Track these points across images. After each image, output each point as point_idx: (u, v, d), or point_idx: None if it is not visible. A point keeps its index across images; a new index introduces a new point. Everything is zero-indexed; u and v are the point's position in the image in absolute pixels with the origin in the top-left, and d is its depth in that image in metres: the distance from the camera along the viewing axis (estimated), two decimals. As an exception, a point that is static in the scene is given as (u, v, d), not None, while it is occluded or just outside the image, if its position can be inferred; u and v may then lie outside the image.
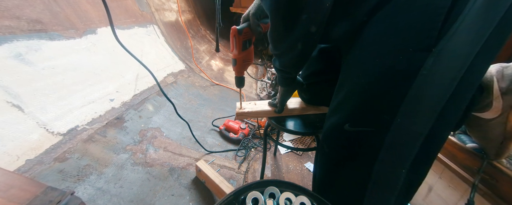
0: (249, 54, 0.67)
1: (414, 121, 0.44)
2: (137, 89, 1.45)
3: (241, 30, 0.61)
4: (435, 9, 0.38)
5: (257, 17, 0.60)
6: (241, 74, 0.73)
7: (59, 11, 1.20)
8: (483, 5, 0.36)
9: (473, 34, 0.37)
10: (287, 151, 1.53)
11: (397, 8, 0.42)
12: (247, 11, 0.62)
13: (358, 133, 0.52)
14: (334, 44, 0.68)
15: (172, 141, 1.33)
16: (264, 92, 2.15)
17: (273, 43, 0.54)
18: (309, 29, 0.46)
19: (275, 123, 0.83)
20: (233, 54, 0.67)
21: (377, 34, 0.45)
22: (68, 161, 0.93)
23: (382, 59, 0.45)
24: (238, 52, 0.65)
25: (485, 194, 0.75)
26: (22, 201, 0.49)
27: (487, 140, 0.73)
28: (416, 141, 0.44)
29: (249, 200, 0.48)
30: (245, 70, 0.72)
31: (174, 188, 1.07)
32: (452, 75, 0.39)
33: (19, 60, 0.95)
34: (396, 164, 0.47)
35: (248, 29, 0.62)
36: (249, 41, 0.65)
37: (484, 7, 0.36)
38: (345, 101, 0.55)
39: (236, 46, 0.64)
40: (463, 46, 0.38)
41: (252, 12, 0.60)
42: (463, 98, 0.43)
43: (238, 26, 0.61)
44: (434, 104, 0.41)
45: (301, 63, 0.60)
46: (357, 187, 0.55)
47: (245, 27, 0.61)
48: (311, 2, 0.42)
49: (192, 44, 2.34)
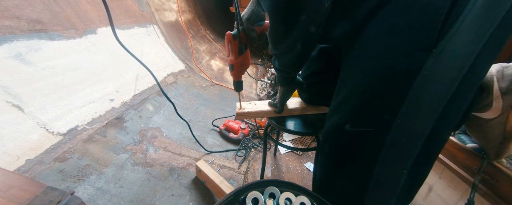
0: (245, 58, 0.67)
1: (414, 121, 0.43)
2: (137, 89, 1.45)
3: (236, 35, 0.61)
4: (435, 9, 0.38)
5: (251, 22, 0.60)
6: (239, 79, 0.73)
7: (59, 11, 1.20)
8: (483, 5, 0.36)
9: (473, 34, 0.37)
10: (287, 151, 1.53)
11: (398, 8, 0.42)
12: (241, 16, 0.62)
13: (358, 134, 0.52)
14: (334, 44, 0.68)
15: (172, 141, 1.33)
16: (264, 92, 2.15)
17: (272, 43, 0.54)
18: (308, 29, 0.47)
19: (275, 123, 0.83)
20: (230, 60, 0.67)
21: (377, 34, 0.45)
22: (68, 161, 0.93)
23: (382, 59, 0.45)
24: (235, 57, 0.65)
25: (485, 194, 0.75)
26: (22, 201, 0.49)
27: (487, 140, 0.73)
28: (417, 142, 0.44)
29: (249, 200, 0.48)
30: (242, 74, 0.72)
31: (174, 188, 1.07)
32: (453, 75, 0.39)
33: (19, 60, 0.95)
34: (397, 165, 0.47)
35: (243, 34, 0.62)
36: (244, 46, 0.65)
37: (484, 7, 0.36)
38: (345, 101, 0.55)
39: (232, 51, 0.64)
40: (464, 46, 0.38)
41: (246, 17, 0.60)
42: (464, 98, 0.43)
43: (232, 31, 0.61)
44: (434, 105, 0.41)
45: (300, 63, 0.60)
46: (358, 187, 0.55)
47: (239, 32, 0.62)
48: (310, 2, 0.42)
49: (192, 44, 2.34)
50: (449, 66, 0.39)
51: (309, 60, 0.79)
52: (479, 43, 0.37)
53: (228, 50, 0.65)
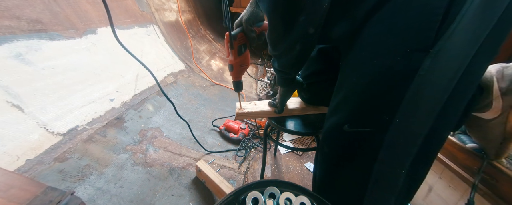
0: (245, 58, 0.68)
1: (413, 121, 0.44)
2: (137, 89, 1.45)
3: (235, 36, 0.61)
4: (431, 9, 0.38)
5: (250, 23, 0.61)
6: (238, 79, 0.74)
7: (59, 11, 1.20)
8: (480, 5, 0.36)
9: (470, 35, 0.37)
10: (287, 151, 1.53)
11: (396, 8, 0.42)
12: (239, 17, 0.63)
13: (357, 134, 0.52)
14: (334, 44, 0.68)
15: (172, 141, 1.33)
16: (263, 92, 2.15)
17: (271, 45, 0.55)
18: (307, 30, 0.47)
19: (275, 123, 0.83)
20: (229, 60, 0.67)
21: (376, 34, 0.45)
22: (68, 161, 0.93)
23: (381, 59, 0.45)
24: (234, 57, 0.65)
25: (485, 194, 0.75)
26: (22, 201, 0.49)
27: (487, 140, 0.73)
28: (415, 141, 0.44)
29: (249, 200, 0.48)
30: (242, 74, 0.73)
31: (174, 188, 1.07)
32: (450, 75, 0.39)
33: (19, 60, 0.95)
34: (395, 164, 0.48)
35: (242, 34, 0.63)
36: (244, 46, 0.65)
37: (481, 8, 0.36)
38: (344, 102, 0.55)
39: (231, 52, 0.64)
40: (461, 46, 0.38)
41: (245, 18, 0.60)
42: (462, 98, 0.43)
43: (232, 32, 0.62)
44: (432, 105, 0.41)
45: (300, 63, 0.60)
46: (357, 187, 0.55)
47: (239, 33, 0.62)
48: (309, 3, 0.43)
49: (192, 44, 2.34)
50: (447, 66, 0.39)
51: (309, 60, 0.79)
52: (476, 43, 0.37)
53: (227, 50, 0.65)
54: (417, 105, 0.42)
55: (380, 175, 0.50)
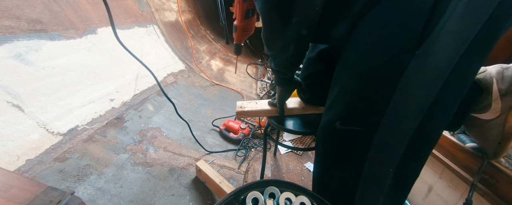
0: (250, 24, 0.69)
1: (400, 121, 0.44)
2: (137, 89, 1.45)
3: None
4: (416, 12, 0.38)
5: None
6: (240, 42, 0.76)
7: (59, 11, 1.20)
8: (464, 8, 0.35)
9: (457, 36, 0.37)
10: (287, 151, 1.53)
11: (383, 10, 0.42)
12: None
13: (349, 132, 0.53)
14: (334, 44, 0.69)
15: (172, 141, 1.33)
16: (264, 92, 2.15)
17: (266, 45, 0.56)
18: (300, 31, 0.48)
19: (275, 123, 0.83)
20: (235, 21, 0.69)
21: (366, 36, 0.46)
22: (68, 161, 0.93)
23: (370, 60, 0.46)
24: (240, 19, 0.66)
25: (485, 194, 0.75)
26: (22, 201, 0.49)
27: (485, 140, 0.73)
28: (403, 141, 0.44)
29: (249, 200, 0.48)
30: (244, 39, 0.74)
31: (174, 188, 1.07)
32: (436, 76, 0.39)
33: (19, 60, 0.95)
34: (384, 164, 0.48)
35: None
36: (252, 11, 0.66)
37: (465, 10, 0.35)
38: (337, 100, 0.56)
39: (239, 13, 0.65)
40: (447, 47, 0.37)
41: None
42: (451, 99, 0.43)
43: None
44: (419, 105, 0.41)
45: (295, 64, 0.61)
46: (349, 186, 0.56)
47: None
48: (301, 5, 0.43)
49: (192, 44, 2.34)
50: (432, 67, 0.39)
51: (309, 60, 0.80)
52: (464, 44, 0.36)
53: (236, 11, 0.67)
54: (405, 105, 0.43)
55: (369, 175, 0.51)
